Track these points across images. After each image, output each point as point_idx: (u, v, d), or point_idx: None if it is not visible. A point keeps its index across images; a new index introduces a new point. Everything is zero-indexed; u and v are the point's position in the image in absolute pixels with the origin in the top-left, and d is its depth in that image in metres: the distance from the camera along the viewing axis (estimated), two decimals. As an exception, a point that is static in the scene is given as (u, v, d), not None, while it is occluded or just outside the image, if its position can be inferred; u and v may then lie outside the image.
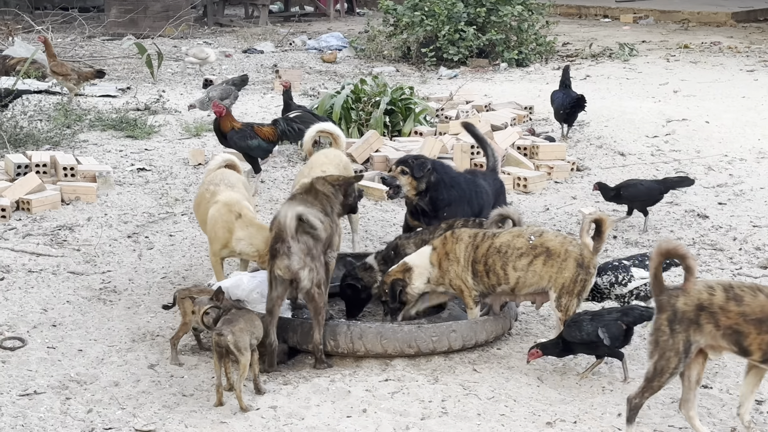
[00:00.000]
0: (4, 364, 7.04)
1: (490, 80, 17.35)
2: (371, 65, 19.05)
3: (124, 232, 9.77)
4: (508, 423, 6.33)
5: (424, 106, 13.72)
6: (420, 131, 12.96)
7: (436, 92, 15.85)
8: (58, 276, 8.69)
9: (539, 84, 16.60)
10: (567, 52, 20.12)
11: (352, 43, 20.72)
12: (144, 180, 11.45)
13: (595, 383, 6.86)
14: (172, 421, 6.29)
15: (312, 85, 16.92)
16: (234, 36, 22.46)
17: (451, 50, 18.69)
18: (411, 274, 7.38)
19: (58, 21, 21.29)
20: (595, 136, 13.26)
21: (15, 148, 11.94)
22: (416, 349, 7.10)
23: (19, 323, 7.72)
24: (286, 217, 6.87)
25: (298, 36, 22.22)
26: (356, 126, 12.86)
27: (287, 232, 6.87)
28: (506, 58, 18.78)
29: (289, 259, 6.88)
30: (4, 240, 9.43)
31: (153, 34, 20.91)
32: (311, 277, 6.93)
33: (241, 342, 6.41)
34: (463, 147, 11.46)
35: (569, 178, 11.77)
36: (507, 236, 7.24)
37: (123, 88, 16.34)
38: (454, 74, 17.96)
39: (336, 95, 13.27)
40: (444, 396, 6.65)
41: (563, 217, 10.39)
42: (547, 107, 14.13)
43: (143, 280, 8.64)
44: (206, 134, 13.42)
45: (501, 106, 14.49)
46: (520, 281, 7.15)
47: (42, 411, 6.41)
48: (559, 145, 12.41)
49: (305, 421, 6.33)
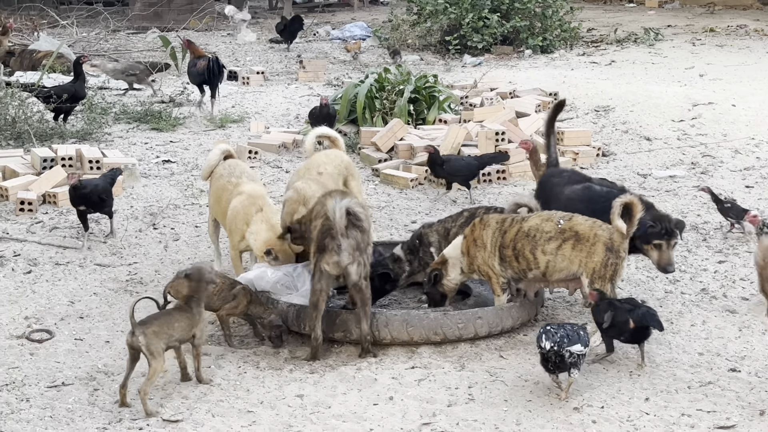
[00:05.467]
0: (33, 356, 7.08)
1: (515, 67, 17.28)
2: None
3: (149, 224, 9.79)
4: (535, 409, 6.31)
5: (449, 94, 13.69)
6: (444, 119, 12.92)
7: (461, 80, 15.81)
8: (84, 268, 8.72)
9: (564, 70, 16.51)
10: (592, 38, 20.02)
11: (375, 32, 20.67)
12: (169, 172, 11.48)
13: (623, 368, 6.83)
14: (199, 411, 6.31)
15: (336, 74, 16.91)
16: (258, 27, 22.47)
17: (475, 38, 18.61)
18: (447, 265, 7.39)
19: (83, 15, 21.34)
20: (621, 121, 13.19)
21: (41, 142, 11.98)
22: (442, 336, 7.09)
23: (47, 315, 7.76)
24: (335, 212, 6.81)
25: (321, 26, 22.20)
26: (380, 115, 12.84)
27: (337, 229, 6.83)
28: (531, 44, 18.69)
29: (338, 255, 6.86)
30: (31, 233, 9.47)
31: (177, 26, 20.93)
32: (359, 271, 6.91)
33: (153, 345, 6.30)
34: (488, 134, 11.42)
35: (595, 164, 11.71)
36: (536, 220, 7.22)
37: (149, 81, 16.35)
38: (478, 62, 17.90)
39: (360, 84, 13.26)
40: (470, 383, 6.65)
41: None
42: (572, 93, 14.08)
43: (169, 271, 8.65)
44: (231, 126, 13.44)
45: (526, 92, 14.42)
46: (550, 265, 7.12)
47: (70, 402, 6.43)
48: (584, 130, 12.36)
49: (332, 410, 6.33)
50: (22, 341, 7.31)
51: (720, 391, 6.54)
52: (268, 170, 11.58)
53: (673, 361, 6.96)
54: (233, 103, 14.78)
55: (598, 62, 17.38)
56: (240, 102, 14.92)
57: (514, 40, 18.97)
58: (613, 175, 11.22)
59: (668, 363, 6.92)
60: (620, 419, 6.19)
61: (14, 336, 7.38)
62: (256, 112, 14.35)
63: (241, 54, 19.10)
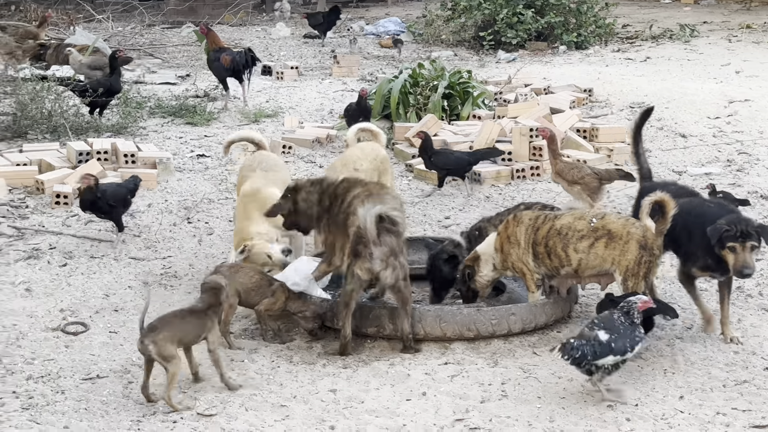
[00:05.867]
0: (68, 349, 7.12)
1: (549, 63, 17.24)
2: (429, 50, 18.99)
3: (184, 218, 9.83)
4: (569, 406, 6.29)
5: (483, 90, 13.67)
6: (478, 115, 12.90)
7: (495, 76, 15.78)
8: (119, 262, 8.76)
9: (599, 66, 16.45)
10: (627, 34, 19.94)
11: (409, 28, 20.68)
12: (203, 166, 11.52)
13: (657, 366, 6.80)
14: (233, 405, 6.32)
15: (370, 70, 16.91)
16: (292, 22, 22.50)
17: (510, 33, 18.58)
18: (479, 262, 7.39)
19: (119, 10, 21.45)
20: (656, 118, 13.10)
21: (77, 136, 12.04)
22: (475, 332, 7.08)
23: (82, 308, 7.80)
24: (365, 220, 6.80)
25: (356, 21, 22.21)
26: (414, 110, 12.84)
27: (368, 237, 6.83)
28: (565, 40, 18.64)
29: (370, 262, 6.86)
30: (66, 226, 9.52)
31: (212, 21, 20.99)
32: (395, 275, 6.90)
33: (165, 350, 6.24)
34: (522, 130, 11.39)
35: (629, 161, 11.64)
36: (568, 218, 7.19)
37: (182, 75, 16.44)
38: (512, 57, 17.87)
39: (394, 80, 13.25)
40: (504, 379, 6.63)
41: (623, 200, 10.29)
42: (607, 89, 14.02)
43: (203, 265, 8.69)
44: (265, 120, 13.46)
45: (560, 89, 14.39)
46: (582, 263, 7.09)
47: (104, 395, 6.46)
48: (619, 127, 12.31)
49: (365, 405, 6.34)
50: (58, 333, 7.35)
51: (755, 390, 6.50)
52: (301, 165, 11.60)
53: (708, 359, 6.92)
54: (267, 98, 14.81)
55: (633, 58, 17.32)
56: (274, 97, 14.95)
57: (549, 35, 18.93)
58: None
59: (703, 361, 6.88)
60: (654, 417, 6.16)
61: (50, 328, 7.43)
62: (290, 107, 14.37)
63: (275, 49, 19.15)
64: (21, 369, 6.78)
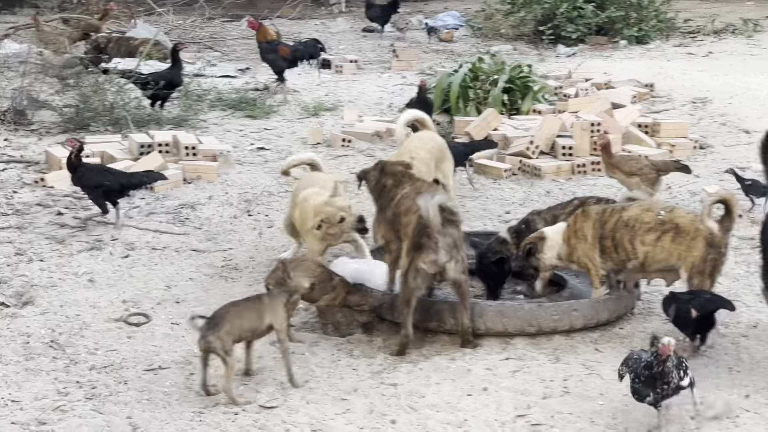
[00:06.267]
0: (130, 340, 7.17)
1: (610, 58, 17.12)
2: (488, 44, 18.92)
3: (244, 211, 9.86)
4: (632, 403, 6.21)
5: (543, 84, 13.60)
6: (539, 109, 12.83)
7: (555, 70, 15.69)
8: (180, 254, 8.81)
9: (660, 61, 16.32)
10: (688, 29, 19.74)
11: (468, 21, 20.62)
12: (263, 159, 11.56)
13: (721, 364, 6.72)
14: (294, 397, 6.33)
15: (429, 64, 16.87)
16: (351, 16, 22.51)
17: (570, 28, 18.47)
18: (543, 244, 7.32)
19: (179, 3, 21.55)
20: (719, 114, 13.00)
21: (138, 128, 12.13)
22: (537, 327, 7.04)
23: (144, 300, 7.85)
24: (428, 210, 6.71)
25: (414, 15, 22.17)
26: (474, 104, 12.79)
27: (433, 227, 6.75)
28: (626, 35, 18.50)
29: (436, 254, 6.76)
30: (128, 218, 9.59)
31: (271, 15, 21.05)
32: (458, 268, 6.80)
33: (227, 344, 6.23)
34: (583, 125, 11.31)
35: (692, 156, 11.53)
36: (636, 210, 7.12)
37: (242, 68, 16.50)
38: (572, 52, 17.76)
39: (454, 74, 13.21)
40: (566, 375, 6.59)
41: (686, 196, 10.20)
42: (668, 85, 13.89)
43: (264, 257, 8.71)
44: (324, 114, 13.48)
45: (621, 83, 14.28)
46: (648, 256, 7.02)
47: (166, 386, 6.50)
48: (681, 122, 12.19)
49: (426, 399, 6.32)
50: (120, 324, 7.41)
51: (822, 390, 6.41)
52: (361, 159, 11.59)
53: (774, 358, 6.84)
54: (326, 92, 14.83)
55: (694, 53, 17.16)
56: (333, 90, 14.97)
57: (609, 30, 18.80)
58: (710, 168, 11.06)
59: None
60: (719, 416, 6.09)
61: (112, 319, 7.48)
62: (349, 100, 14.38)
63: (334, 42, 19.16)
64: (84, 359, 6.85)
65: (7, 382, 6.53)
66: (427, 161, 8.68)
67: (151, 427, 6.02)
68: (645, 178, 9.28)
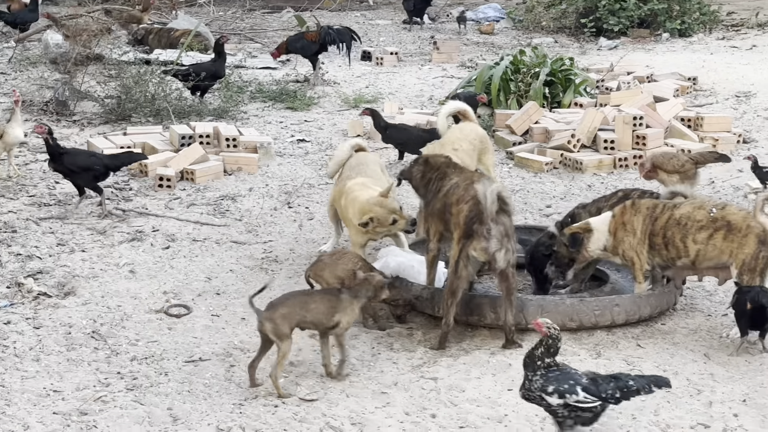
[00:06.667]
0: (171, 331, 7.19)
1: (652, 51, 16.99)
2: (529, 36, 18.84)
3: (284, 203, 9.86)
4: (674, 399, 6.19)
5: (585, 77, 13.52)
6: (580, 102, 12.76)
7: (596, 63, 15.59)
8: (221, 245, 8.82)
9: (703, 54, 16.18)
10: (732, 22, 19.56)
11: (509, 14, 20.53)
12: (304, 151, 11.56)
13: (765, 361, 6.66)
14: (334, 391, 6.33)
15: (469, 56, 16.81)
16: (392, 8, 22.47)
17: (611, 20, 18.36)
18: (590, 235, 7.26)
19: (220, -6, 21.63)
20: (763, 108, 12.86)
21: (179, 119, 12.17)
22: (578, 322, 7.00)
23: (184, 291, 7.87)
24: (486, 197, 6.67)
25: (455, 7, 22.08)
26: (515, 97, 12.73)
27: (487, 214, 6.70)
28: (668, 28, 18.36)
29: (487, 241, 6.72)
30: (169, 209, 9.62)
31: (312, 6, 21.06)
32: (507, 258, 6.76)
33: (281, 329, 6.25)
34: (625, 118, 11.23)
35: (735, 151, 11.43)
36: (688, 208, 7.05)
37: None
38: (614, 45, 17.64)
39: (495, 66, 13.16)
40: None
41: (729, 191, 10.12)
42: (712, 78, 13.77)
43: (304, 250, 8.71)
44: (364, 106, 13.45)
45: (663, 77, 14.17)
46: (700, 254, 6.96)
47: (207, 377, 6.51)
48: (724, 116, 12.08)
49: (466, 394, 6.30)
50: (161, 316, 7.42)
51: None
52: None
53: (819, 355, 6.77)
54: (367, 83, 14.81)
55: (738, 47, 17.00)
56: (374, 82, 14.95)
57: (652, 23, 18.66)
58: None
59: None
60: (763, 414, 6.03)
61: (153, 310, 7.50)
62: (390, 92, 14.36)
63: (374, 34, 19.13)
64: (125, 350, 6.87)
65: (49, 372, 6.56)
66: (470, 153, 8.67)
67: (192, 418, 6.03)
68: (685, 175, 9.21)
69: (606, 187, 10.26)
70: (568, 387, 5.54)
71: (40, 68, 13.93)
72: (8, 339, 6.99)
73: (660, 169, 9.30)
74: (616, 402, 5.56)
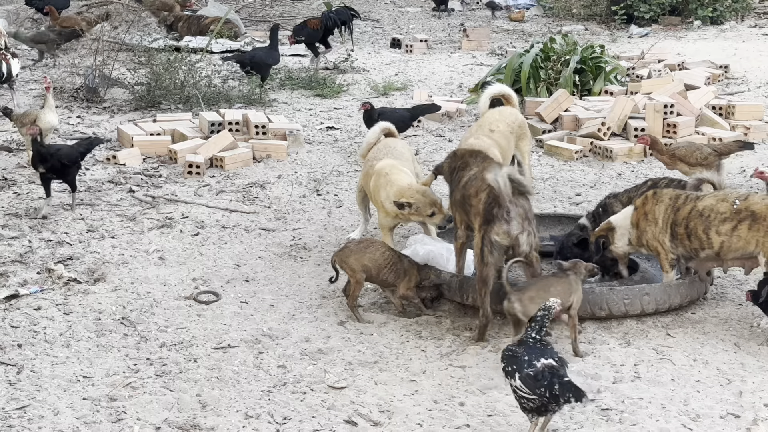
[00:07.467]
0: (200, 318, 7.20)
1: (683, 38, 16.89)
2: (559, 24, 18.76)
3: (313, 190, 9.86)
4: (704, 389, 6.15)
5: (615, 65, 13.45)
6: (611, 90, 12.70)
7: (627, 51, 15.52)
8: (250, 232, 8.83)
9: (735, 42, 16.07)
10: (764, 9, 19.42)
11: (540, 1, 20.45)
12: (333, 138, 11.56)
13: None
14: (362, 378, 6.33)
15: (499, 44, 16.77)
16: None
17: (642, 8, 18.27)
18: (614, 234, 7.24)
19: (250, -18, 21.63)
20: (794, 96, 12.78)
21: (209, 107, 12.18)
22: (607, 311, 6.97)
23: (213, 278, 7.88)
24: (498, 180, 6.62)
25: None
26: (545, 85, 12.68)
27: (504, 197, 6.65)
28: (700, 15, 18.24)
29: (508, 224, 6.67)
30: (198, 196, 9.64)
31: (341, -7, 21.04)
32: (530, 241, 6.72)
33: (529, 311, 6.32)
34: (656, 107, 11.17)
35: (767, 139, 11.35)
36: (710, 200, 7.00)
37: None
38: (645, 32, 17.55)
39: (525, 54, 13.11)
40: (636, 360, 6.51)
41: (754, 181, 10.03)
42: (744, 66, 13.67)
43: (332, 237, 8.71)
44: (394, 93, 13.45)
45: (695, 65, 14.09)
46: (724, 246, 6.91)
47: (236, 364, 6.52)
48: (756, 104, 11.99)
49: (494, 382, 6.27)
50: (190, 302, 7.44)
51: None
52: (430, 139, 11.56)
53: None
54: (396, 71, 14.80)
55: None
56: (403, 70, 14.93)
57: (683, 10, 18.55)
58: (786, 151, 10.88)
59: None
60: (793, 404, 6.00)
61: (182, 297, 7.52)
62: (419, 80, 14.34)
63: (404, 22, 19.10)
64: (155, 336, 6.89)
65: (79, 358, 6.59)
66: (506, 135, 8.64)
67: (220, 405, 6.04)
68: (708, 167, 9.14)
69: (636, 175, 10.21)
70: (510, 370, 5.46)
71: (70, 55, 13.98)
72: (39, 324, 7.03)
73: (682, 161, 9.24)
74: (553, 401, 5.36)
